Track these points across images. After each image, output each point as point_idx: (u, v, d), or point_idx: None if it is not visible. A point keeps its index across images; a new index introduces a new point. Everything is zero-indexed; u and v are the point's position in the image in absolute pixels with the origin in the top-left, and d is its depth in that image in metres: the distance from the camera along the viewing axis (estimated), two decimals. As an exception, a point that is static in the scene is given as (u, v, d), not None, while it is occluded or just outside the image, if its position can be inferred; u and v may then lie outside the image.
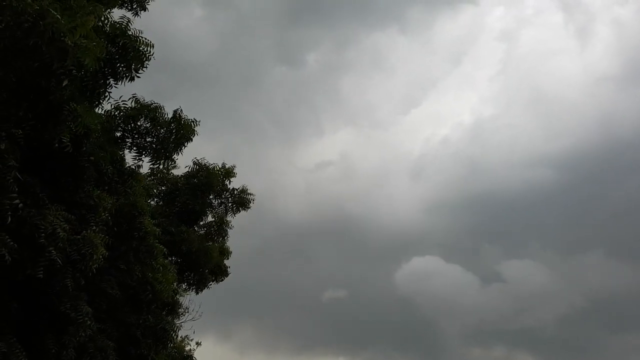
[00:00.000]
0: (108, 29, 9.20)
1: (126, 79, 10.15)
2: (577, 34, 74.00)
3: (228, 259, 20.27)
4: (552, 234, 65.19)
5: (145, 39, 10.05)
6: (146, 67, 10.29)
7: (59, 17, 7.52)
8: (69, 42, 7.64)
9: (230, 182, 20.93)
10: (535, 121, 74.29)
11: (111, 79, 9.81)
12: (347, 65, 78.80)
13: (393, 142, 78.29)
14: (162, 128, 15.01)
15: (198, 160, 20.54)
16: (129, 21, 9.83)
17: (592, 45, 73.02)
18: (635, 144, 64.34)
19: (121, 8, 11.88)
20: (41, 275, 10.75)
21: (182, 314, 18.11)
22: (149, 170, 15.90)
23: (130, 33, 9.75)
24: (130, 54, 9.67)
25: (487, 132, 72.24)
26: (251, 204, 21.07)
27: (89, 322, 11.86)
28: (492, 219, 68.35)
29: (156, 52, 10.73)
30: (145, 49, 10.06)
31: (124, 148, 14.61)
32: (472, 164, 70.78)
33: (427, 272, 56.81)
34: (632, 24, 69.27)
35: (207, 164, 20.67)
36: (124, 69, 9.89)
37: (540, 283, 55.65)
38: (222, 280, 20.07)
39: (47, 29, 7.45)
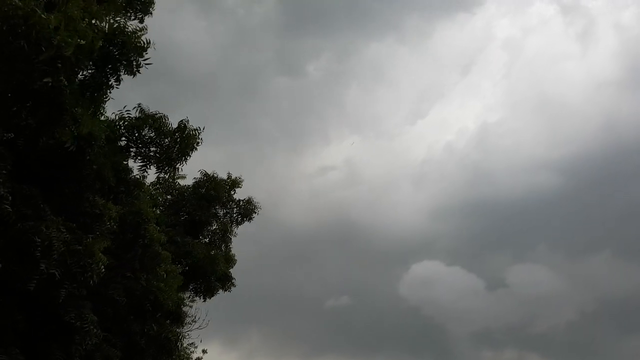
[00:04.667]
0: (106, 29, 9.22)
1: (129, 74, 10.10)
2: (580, 39, 73.73)
3: (233, 267, 20.12)
4: (558, 237, 63.89)
5: (142, 29, 10.04)
6: (146, 55, 10.19)
7: (44, 16, 7.55)
8: (54, 41, 7.65)
9: (235, 192, 20.91)
10: (540, 126, 73.83)
11: (112, 79, 9.81)
12: (348, 75, 78.93)
13: (398, 149, 78.05)
14: (167, 138, 15.05)
15: (205, 172, 20.53)
16: (127, 20, 9.87)
17: (594, 50, 72.81)
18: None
19: (125, 16, 11.98)
20: (31, 288, 10.52)
21: (188, 322, 17.91)
22: (155, 179, 15.83)
23: (128, 30, 9.77)
24: (130, 51, 9.65)
25: (491, 137, 71.84)
26: (254, 215, 21.07)
27: (95, 331, 11.71)
28: (498, 224, 66.86)
29: (159, 63, 10.75)
30: (144, 42, 10.06)
31: (128, 157, 14.63)
32: (476, 169, 70.27)
33: (434, 278, 55.96)
34: (635, 28, 69.08)
35: (215, 175, 20.67)
36: (125, 64, 9.86)
37: (549, 286, 54.63)
38: (229, 289, 19.92)
39: (30, 30, 7.49)
